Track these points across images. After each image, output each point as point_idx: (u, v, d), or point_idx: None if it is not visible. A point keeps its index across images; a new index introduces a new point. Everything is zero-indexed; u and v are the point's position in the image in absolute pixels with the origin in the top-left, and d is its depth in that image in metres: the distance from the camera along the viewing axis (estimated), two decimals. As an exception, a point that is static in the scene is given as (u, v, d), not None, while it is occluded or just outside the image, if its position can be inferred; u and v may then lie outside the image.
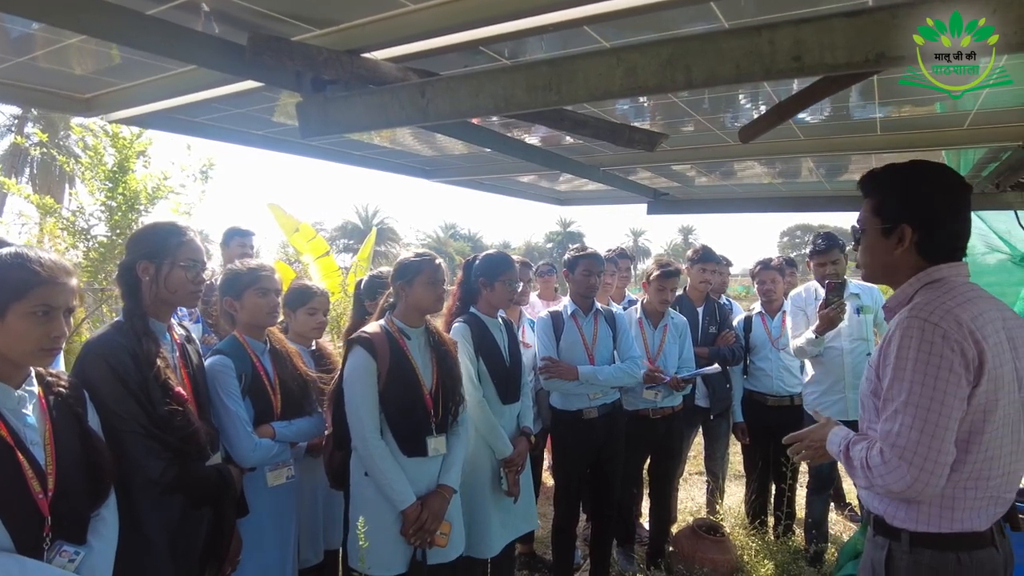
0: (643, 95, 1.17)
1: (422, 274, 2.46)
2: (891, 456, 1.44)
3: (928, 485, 1.43)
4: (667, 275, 3.73)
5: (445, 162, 3.35)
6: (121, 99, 1.99)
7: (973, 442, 1.47)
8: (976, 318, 1.46)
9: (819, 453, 1.78)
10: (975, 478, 1.50)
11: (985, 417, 1.47)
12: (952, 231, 1.60)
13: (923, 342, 1.43)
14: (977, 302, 1.51)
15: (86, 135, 7.13)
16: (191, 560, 1.92)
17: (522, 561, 3.96)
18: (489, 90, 1.29)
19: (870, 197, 1.67)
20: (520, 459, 2.93)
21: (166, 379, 1.87)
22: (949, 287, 1.53)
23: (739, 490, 4.93)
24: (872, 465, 1.48)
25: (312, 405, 2.54)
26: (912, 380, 1.44)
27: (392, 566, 2.34)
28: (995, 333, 1.48)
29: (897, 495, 1.49)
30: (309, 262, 7.43)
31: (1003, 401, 1.48)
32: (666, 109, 2.30)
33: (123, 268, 1.94)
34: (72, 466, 1.56)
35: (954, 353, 1.41)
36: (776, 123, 1.63)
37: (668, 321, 3.84)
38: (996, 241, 4.04)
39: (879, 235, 1.63)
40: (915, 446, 1.41)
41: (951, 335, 1.42)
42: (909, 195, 1.60)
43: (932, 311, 1.46)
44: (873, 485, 1.51)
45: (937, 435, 1.41)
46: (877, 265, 1.68)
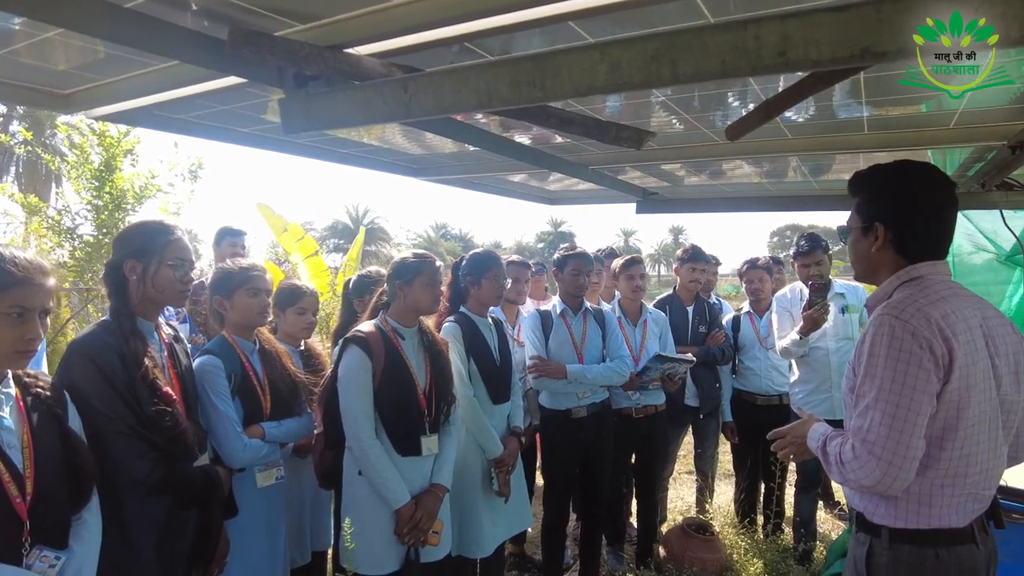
0: (628, 90, 1.15)
1: (422, 275, 2.45)
2: (861, 451, 1.46)
3: (896, 479, 1.44)
4: (630, 263, 3.76)
5: (434, 161, 3.34)
6: (103, 95, 1.96)
7: (947, 439, 1.49)
8: (947, 316, 1.48)
9: (801, 450, 1.79)
10: (952, 475, 1.51)
11: (958, 414, 1.48)
12: (928, 230, 1.61)
13: (893, 339, 1.46)
14: (952, 300, 1.52)
15: (72, 133, 7.06)
16: (177, 561, 1.90)
17: (512, 561, 3.95)
18: (472, 85, 1.28)
19: (855, 197, 1.70)
20: (511, 459, 2.93)
21: (154, 379, 1.85)
22: (926, 285, 1.55)
23: (728, 489, 4.95)
24: (844, 460, 1.50)
25: (301, 405, 2.52)
26: (882, 377, 1.46)
27: (385, 564, 2.34)
28: (967, 331, 1.49)
29: (867, 489, 1.51)
30: (298, 262, 7.38)
31: (976, 399, 1.49)
32: (654, 108, 2.29)
33: (110, 267, 1.92)
34: (52, 469, 1.53)
35: (923, 350, 1.43)
36: (763, 121, 1.62)
37: (647, 317, 3.84)
38: (982, 240, 4.07)
39: (860, 234, 1.67)
40: (884, 441, 1.43)
41: (920, 332, 1.44)
42: (883, 194, 1.63)
43: (903, 309, 1.49)
44: (846, 480, 1.53)
45: (906, 431, 1.42)
46: (859, 263, 1.72)
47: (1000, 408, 1.56)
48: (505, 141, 2.57)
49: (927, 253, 1.61)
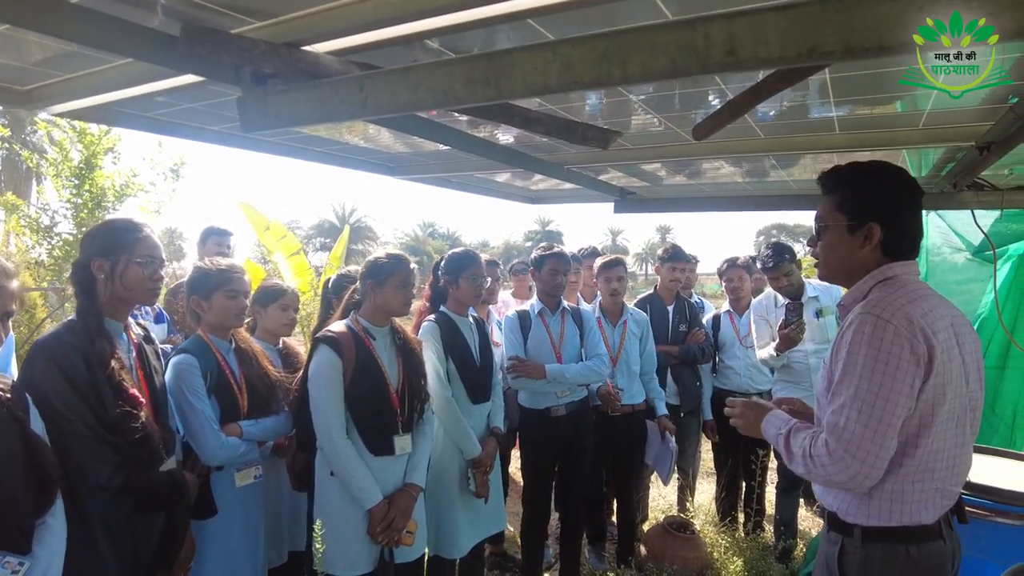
0: (580, 89, 1.14)
1: (394, 276, 2.43)
2: (836, 448, 1.46)
3: (867, 478, 1.46)
4: (609, 265, 3.75)
5: (411, 159, 3.32)
6: (63, 91, 1.92)
7: (922, 436, 1.50)
8: (926, 314, 1.48)
9: (748, 427, 1.80)
10: (921, 471, 1.52)
11: (934, 411, 1.49)
12: (912, 231, 1.62)
13: (874, 338, 1.45)
14: (927, 299, 1.54)
15: (52, 130, 6.96)
16: (140, 565, 1.87)
17: (492, 561, 3.94)
18: (427, 83, 1.27)
19: (832, 194, 1.66)
20: (489, 459, 2.92)
21: (120, 380, 1.81)
22: (900, 284, 1.56)
23: (710, 488, 4.96)
24: (815, 455, 1.50)
25: (279, 404, 2.52)
26: (861, 376, 1.46)
27: (359, 565, 2.33)
28: (945, 329, 1.50)
29: (838, 485, 1.52)
30: (280, 261, 7.32)
31: (950, 395, 1.50)
32: (632, 107, 2.28)
33: (77, 266, 1.89)
34: (12, 473, 1.50)
35: (903, 350, 1.43)
36: (728, 120, 1.62)
37: (628, 317, 3.84)
38: (956, 240, 4.11)
39: (844, 232, 1.62)
40: (859, 440, 1.43)
41: (902, 331, 1.44)
42: (879, 193, 1.60)
43: (884, 308, 1.48)
44: (812, 474, 1.53)
45: (880, 431, 1.43)
46: (837, 262, 1.67)
47: (968, 405, 1.58)
48: (478, 140, 2.56)
49: (906, 253, 1.62)
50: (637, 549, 3.84)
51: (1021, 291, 3.83)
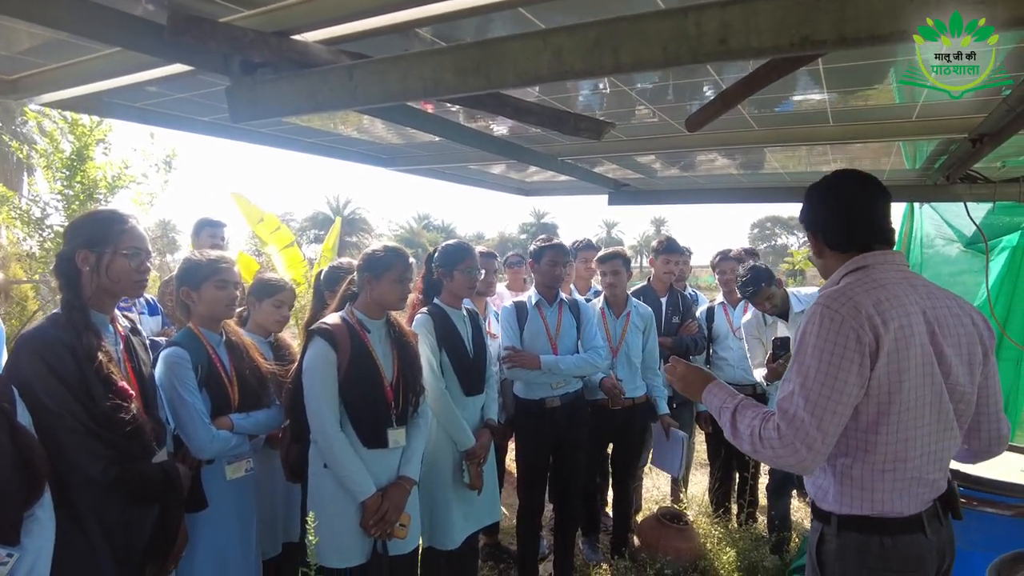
0: (571, 79, 1.13)
1: (392, 271, 2.41)
2: (787, 432, 1.49)
3: (812, 462, 1.50)
4: (603, 259, 3.80)
5: (404, 151, 3.30)
6: (50, 81, 1.89)
7: (882, 423, 1.52)
8: (879, 303, 1.51)
9: (687, 388, 1.85)
10: (892, 459, 1.53)
11: (890, 399, 1.51)
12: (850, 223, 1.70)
13: (822, 329, 1.51)
14: (891, 287, 1.56)
15: (43, 120, 6.90)
16: (133, 557, 1.86)
17: (487, 552, 3.96)
18: (417, 72, 1.25)
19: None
20: (482, 451, 2.92)
21: (108, 374, 1.80)
22: (867, 274, 1.60)
23: (703, 479, 4.99)
24: (765, 437, 1.53)
25: (271, 397, 2.50)
26: (809, 364, 1.50)
27: (352, 557, 2.33)
28: (902, 317, 1.51)
29: (781, 466, 1.55)
30: (273, 253, 7.29)
31: (909, 384, 1.51)
32: (626, 99, 2.27)
33: (61, 258, 1.86)
34: (1, 466, 1.49)
35: (849, 339, 1.47)
36: (721, 111, 1.61)
37: (631, 310, 3.85)
38: (949, 231, 4.12)
39: (811, 244, 1.80)
40: (807, 427, 1.47)
41: (847, 321, 1.48)
42: (808, 205, 1.78)
43: (835, 299, 1.53)
44: (758, 453, 1.56)
45: (826, 418, 1.47)
46: (819, 268, 1.82)
47: (951, 397, 1.58)
48: (471, 131, 2.55)
49: (861, 244, 1.67)
50: (631, 540, 3.86)
51: (1013, 283, 3.85)
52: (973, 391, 1.64)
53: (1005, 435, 1.75)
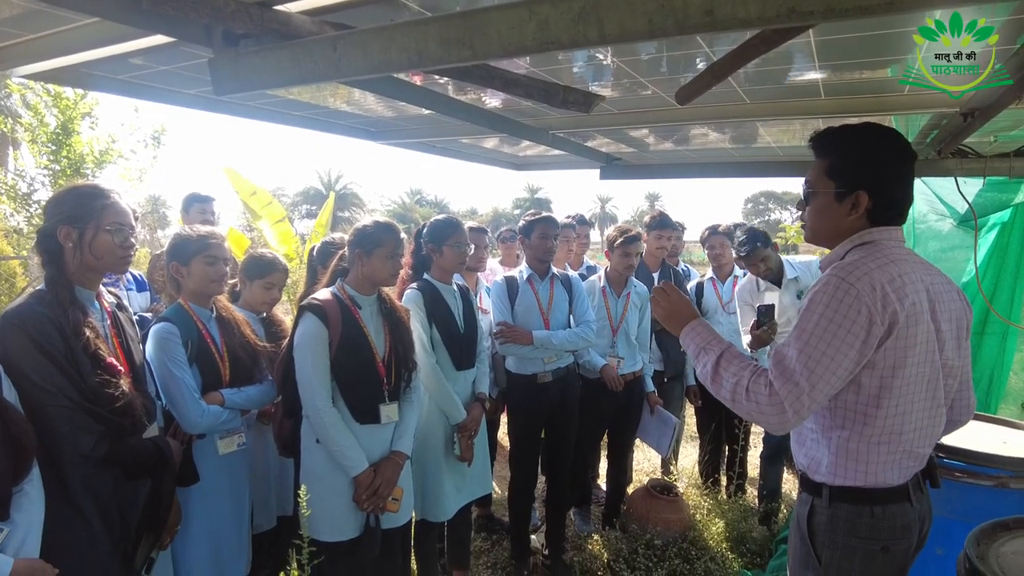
0: (556, 50, 1.11)
1: (382, 247, 2.40)
2: (778, 391, 1.46)
3: (791, 426, 1.49)
4: (630, 240, 3.72)
5: (394, 124, 3.26)
6: (29, 52, 1.84)
7: (883, 397, 1.52)
8: (894, 279, 1.49)
9: (668, 319, 1.77)
10: (888, 433, 1.55)
11: (894, 373, 1.51)
12: (903, 199, 1.61)
13: (833, 299, 1.46)
14: (900, 264, 1.54)
15: (26, 93, 6.79)
16: (127, 532, 1.87)
17: (480, 523, 4.02)
18: (401, 43, 1.23)
19: (823, 158, 1.63)
20: (474, 424, 2.95)
21: (96, 350, 1.78)
22: (876, 248, 1.56)
23: (693, 452, 5.06)
24: (752, 391, 1.49)
25: (262, 373, 2.51)
26: (813, 332, 1.47)
27: (345, 531, 2.36)
28: (914, 294, 1.51)
29: (759, 422, 1.53)
30: (265, 228, 7.25)
31: (914, 359, 1.51)
32: (616, 71, 2.25)
33: (43, 234, 1.83)
34: None
35: (860, 315, 1.44)
36: (711, 83, 1.60)
37: (631, 289, 3.85)
38: (941, 207, 4.13)
39: (831, 199, 1.61)
40: (799, 391, 1.45)
41: (863, 297, 1.45)
42: (868, 161, 1.56)
43: (851, 271, 1.49)
44: (737, 405, 1.53)
45: (819, 387, 1.45)
46: (824, 229, 1.66)
47: (941, 371, 1.60)
48: (460, 104, 2.52)
49: (893, 219, 1.61)
50: (623, 512, 3.92)
51: (1001, 259, 3.87)
52: (959, 366, 1.67)
53: (974, 404, 1.81)
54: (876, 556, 1.57)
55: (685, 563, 3.45)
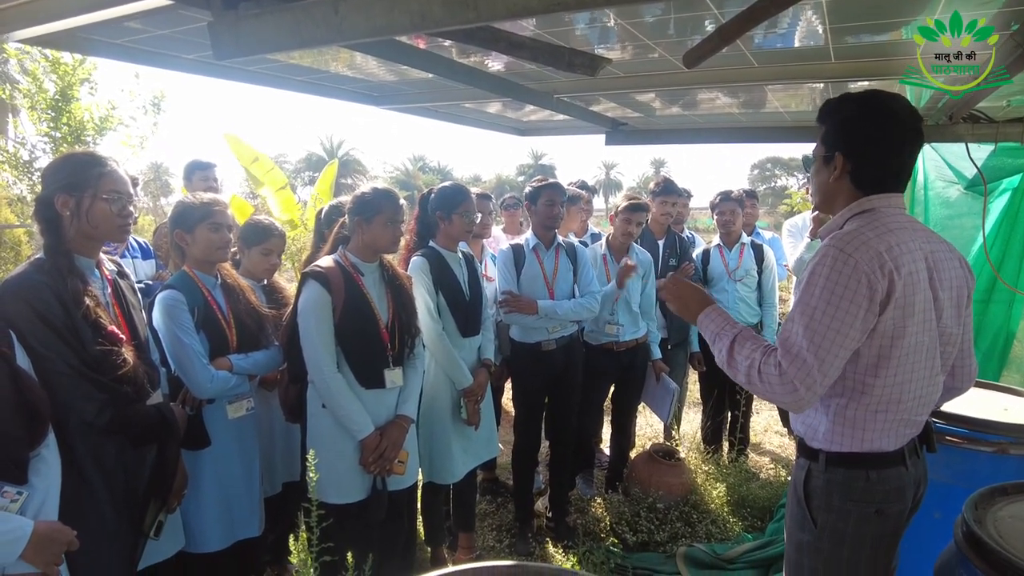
0: (563, 11, 1.08)
1: (382, 214, 2.40)
2: (788, 370, 1.48)
3: (807, 402, 1.50)
4: (634, 208, 3.70)
5: (397, 88, 3.21)
6: (24, 15, 1.80)
7: (882, 366, 1.53)
8: (891, 248, 1.49)
9: (682, 310, 1.81)
10: (886, 401, 1.56)
11: (892, 343, 1.51)
12: (886, 163, 1.60)
13: (833, 271, 1.47)
14: (899, 232, 1.53)
15: (23, 59, 6.69)
16: (134, 498, 1.90)
17: (484, 487, 4.09)
18: (404, 5, 1.20)
19: (821, 125, 1.69)
20: (480, 389, 2.98)
21: (97, 318, 1.79)
22: (875, 217, 1.56)
23: (696, 417, 5.11)
24: (764, 372, 1.52)
25: (268, 338, 2.52)
26: (815, 307, 1.48)
27: (352, 493, 2.41)
28: (912, 263, 1.51)
29: (776, 401, 1.55)
30: (268, 195, 7.21)
31: (912, 328, 1.52)
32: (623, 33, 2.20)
33: (40, 202, 1.82)
34: (4, 407, 1.51)
35: (860, 284, 1.45)
36: (720, 46, 1.56)
37: (632, 257, 3.84)
38: (949, 173, 4.07)
39: (821, 163, 1.67)
40: (809, 367, 1.46)
41: (861, 266, 1.46)
42: (844, 125, 1.62)
43: (849, 242, 1.49)
44: (753, 387, 1.55)
45: (828, 360, 1.47)
46: (818, 192, 1.72)
47: (939, 339, 1.60)
48: (463, 67, 2.47)
49: (882, 186, 1.61)
50: (625, 476, 3.98)
51: (1011, 225, 3.83)
52: (959, 334, 1.67)
53: (975, 372, 1.81)
54: (870, 518, 1.60)
55: (687, 526, 3.52)
